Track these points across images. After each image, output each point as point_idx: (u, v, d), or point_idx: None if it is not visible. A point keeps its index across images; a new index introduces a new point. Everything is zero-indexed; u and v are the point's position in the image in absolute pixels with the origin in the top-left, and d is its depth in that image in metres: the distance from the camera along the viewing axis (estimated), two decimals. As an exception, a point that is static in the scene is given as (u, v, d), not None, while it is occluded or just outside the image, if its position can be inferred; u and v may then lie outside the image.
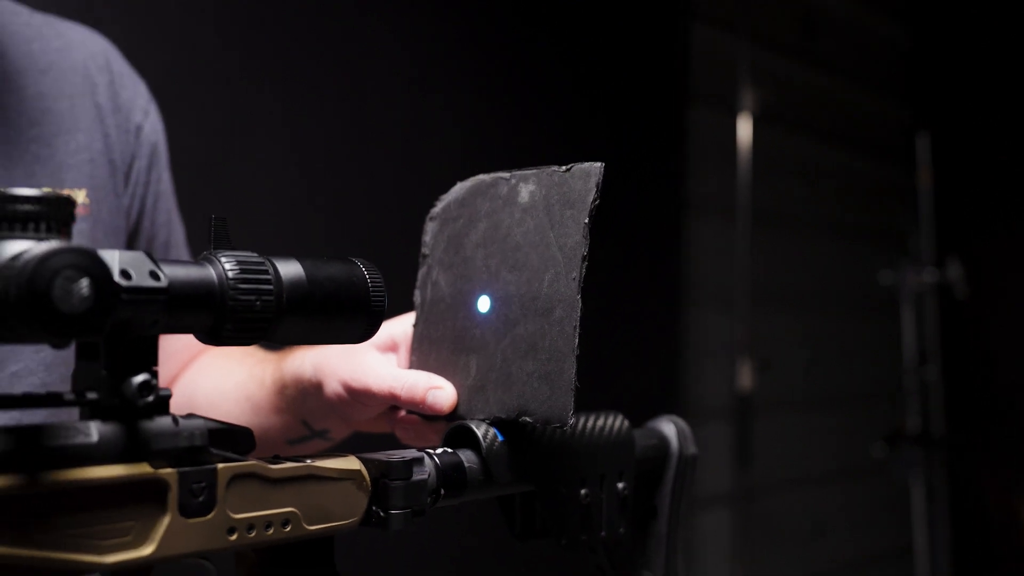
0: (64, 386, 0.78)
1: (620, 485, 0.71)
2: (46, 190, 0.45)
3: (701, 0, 2.84)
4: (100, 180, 0.86)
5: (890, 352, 2.97)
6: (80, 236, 0.82)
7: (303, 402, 0.78)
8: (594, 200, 0.61)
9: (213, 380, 0.91)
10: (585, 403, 0.71)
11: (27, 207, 0.45)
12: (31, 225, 0.45)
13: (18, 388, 0.75)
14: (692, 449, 0.77)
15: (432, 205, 0.71)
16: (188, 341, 0.81)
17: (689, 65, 2.79)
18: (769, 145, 3.01)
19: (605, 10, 2.59)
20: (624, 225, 2.63)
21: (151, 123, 0.94)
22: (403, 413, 0.73)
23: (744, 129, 2.84)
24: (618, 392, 2.51)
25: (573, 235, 0.62)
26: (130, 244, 0.91)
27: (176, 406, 0.51)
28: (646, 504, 0.77)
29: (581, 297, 0.61)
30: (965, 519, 3.33)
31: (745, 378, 2.65)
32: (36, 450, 0.45)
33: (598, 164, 0.62)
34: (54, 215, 0.46)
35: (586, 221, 0.61)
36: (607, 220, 2.21)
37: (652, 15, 2.72)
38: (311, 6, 1.89)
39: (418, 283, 0.71)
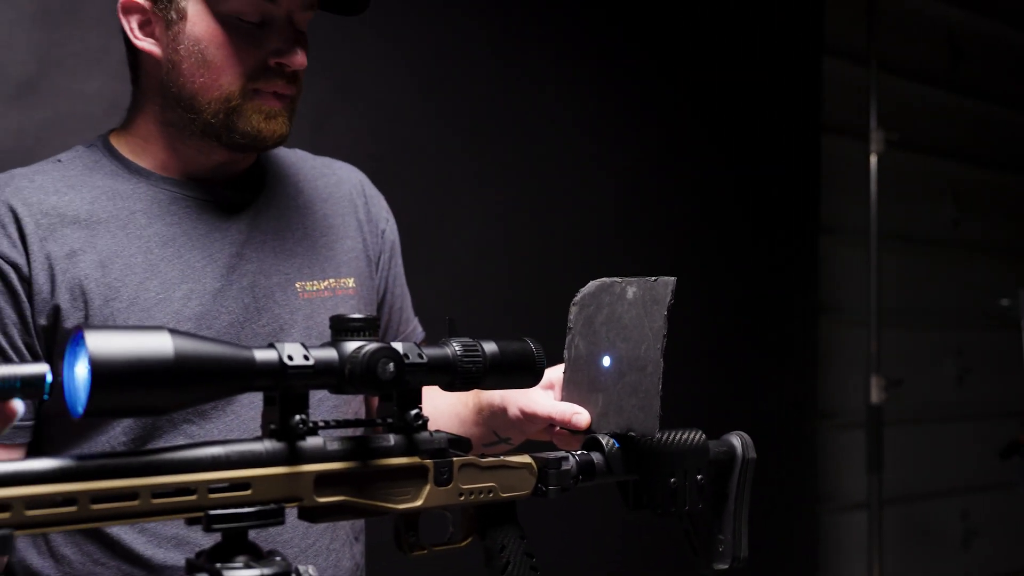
0: (345, 407, 1.22)
1: (699, 476, 1.09)
2: (370, 315, 0.87)
3: (833, 33, 3.13)
4: (361, 270, 1.31)
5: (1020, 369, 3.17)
6: (350, 307, 1.26)
7: (493, 420, 1.20)
8: (670, 300, 1.00)
9: (433, 404, 1.33)
10: (729, 412, 1.08)
11: (359, 324, 0.87)
12: (360, 333, 0.87)
13: (321, 409, 1.20)
14: (752, 455, 1.14)
15: (574, 295, 1.11)
16: None
17: (822, 95, 3.09)
18: (901, 168, 3.26)
19: (743, 52, 2.93)
20: (766, 248, 2.96)
21: (390, 228, 1.38)
22: (558, 428, 1.13)
23: (875, 154, 3.11)
24: (761, 402, 2.85)
25: (658, 321, 1.00)
26: (378, 310, 1.36)
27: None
28: (720, 490, 1.14)
29: (663, 360, 1.00)
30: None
31: (877, 391, 2.94)
32: (365, 449, 0.88)
33: (673, 278, 1.00)
34: (371, 327, 0.88)
35: (665, 313, 1.00)
36: (749, 244, 2.63)
37: (787, 52, 3.04)
38: (486, 110, 2.36)
39: (566, 346, 1.11)
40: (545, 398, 1.12)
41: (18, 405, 0.74)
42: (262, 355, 0.81)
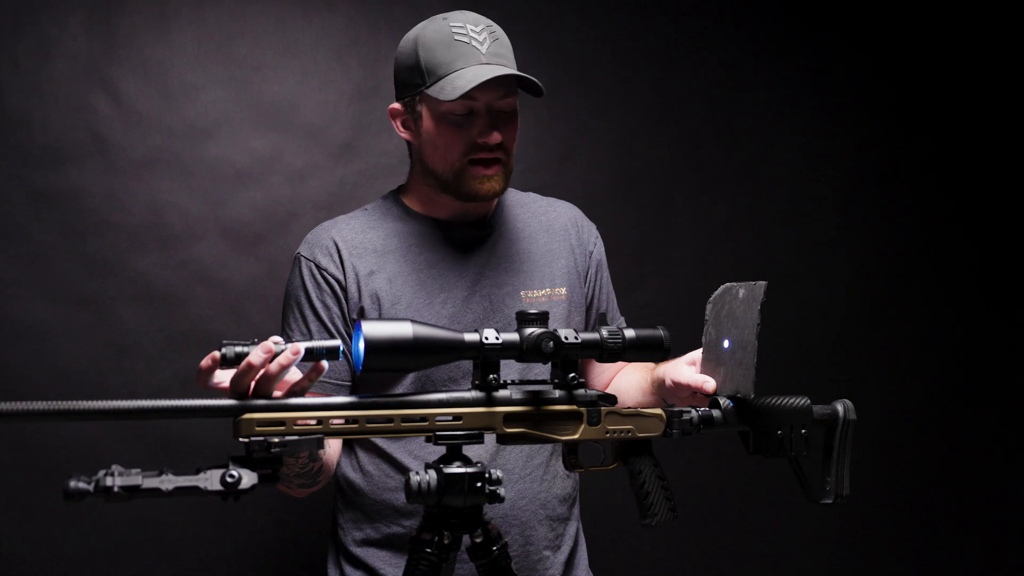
0: (530, 371, 1.68)
1: (803, 431, 1.45)
2: (543, 311, 1.32)
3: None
4: (572, 282, 1.77)
5: None
6: (562, 310, 1.72)
7: (660, 390, 1.61)
8: (763, 299, 1.37)
9: (623, 379, 1.77)
10: (975, 406, 1.49)
11: (534, 316, 1.33)
12: (535, 323, 1.33)
13: (532, 372, 1.66)
14: (852, 417, 1.48)
15: (709, 295, 1.51)
16: (609, 364, 1.69)
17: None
18: None
19: (991, 55, 3.05)
20: (1012, 247, 3.07)
21: (597, 249, 1.83)
22: (697, 394, 1.53)
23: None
24: (1006, 395, 2.99)
25: (753, 312, 1.38)
26: (587, 312, 1.81)
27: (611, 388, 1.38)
28: (827, 443, 1.49)
29: (757, 341, 1.37)
30: None
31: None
32: (538, 399, 1.33)
33: (765, 282, 1.38)
34: (542, 319, 1.33)
35: (759, 308, 1.37)
36: (996, 242, 2.84)
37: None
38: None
39: (703, 333, 1.51)
40: (688, 371, 1.52)
41: (324, 364, 1.26)
42: (469, 336, 1.28)
